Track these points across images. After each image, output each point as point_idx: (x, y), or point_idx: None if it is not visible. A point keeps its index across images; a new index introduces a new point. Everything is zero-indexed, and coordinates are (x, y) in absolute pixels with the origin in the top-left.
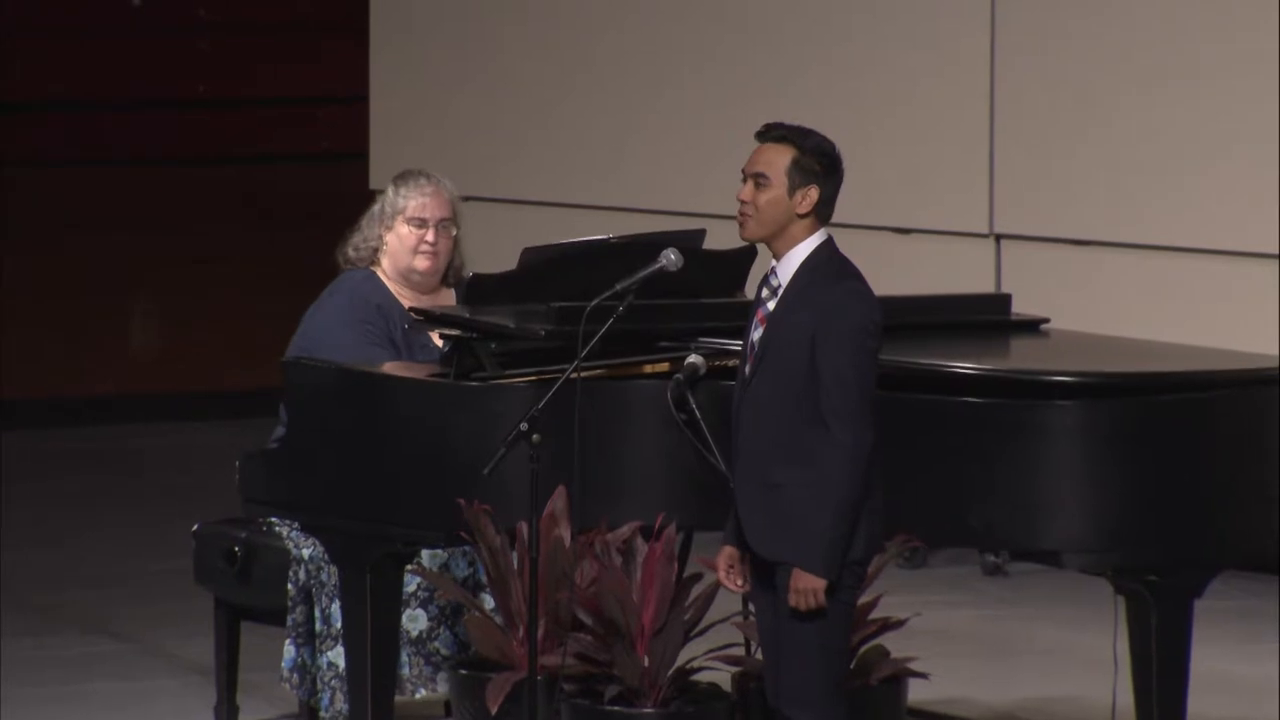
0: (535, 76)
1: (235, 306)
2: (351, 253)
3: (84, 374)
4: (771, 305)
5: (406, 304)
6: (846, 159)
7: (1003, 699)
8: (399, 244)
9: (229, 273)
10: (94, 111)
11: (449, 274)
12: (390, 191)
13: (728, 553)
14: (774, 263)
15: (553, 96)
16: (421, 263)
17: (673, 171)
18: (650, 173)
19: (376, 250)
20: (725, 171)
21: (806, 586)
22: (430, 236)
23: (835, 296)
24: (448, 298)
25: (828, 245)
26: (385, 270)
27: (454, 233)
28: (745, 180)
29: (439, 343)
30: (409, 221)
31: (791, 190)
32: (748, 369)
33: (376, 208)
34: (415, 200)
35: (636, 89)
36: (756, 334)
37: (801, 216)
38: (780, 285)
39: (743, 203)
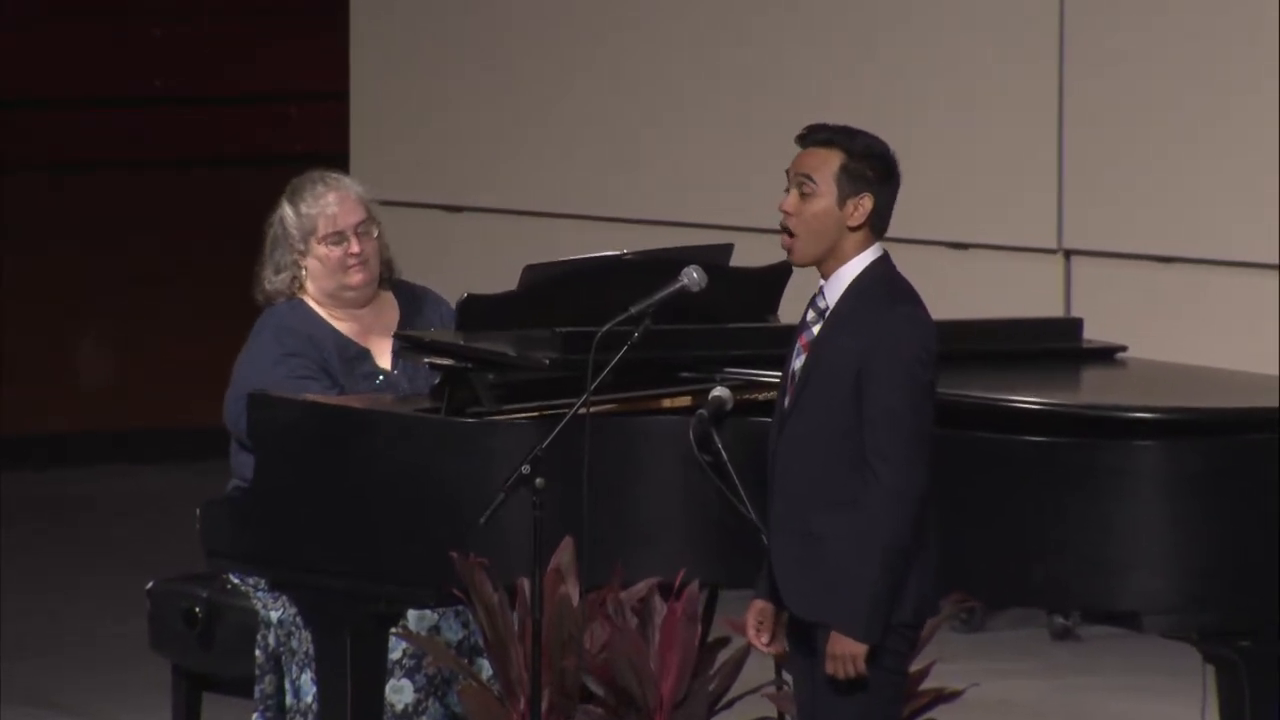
0: (535, 72)
1: (191, 329)
2: (268, 287)
3: (25, 408)
4: (817, 330)
5: (343, 326)
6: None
7: None
8: (321, 266)
9: (185, 290)
10: (30, 110)
11: (382, 275)
12: (289, 212)
13: (758, 608)
14: (821, 282)
15: (554, 94)
16: (354, 277)
17: (695, 178)
18: (669, 179)
19: (294, 279)
20: (755, 179)
21: (845, 652)
22: (355, 247)
23: (887, 322)
24: (388, 302)
25: (882, 262)
26: (312, 295)
27: (375, 233)
28: (788, 190)
29: (385, 365)
30: (325, 241)
31: (842, 200)
32: (787, 401)
33: (277, 232)
34: (323, 215)
35: (652, 85)
36: (798, 362)
37: (853, 230)
38: (827, 307)
39: (786, 215)
